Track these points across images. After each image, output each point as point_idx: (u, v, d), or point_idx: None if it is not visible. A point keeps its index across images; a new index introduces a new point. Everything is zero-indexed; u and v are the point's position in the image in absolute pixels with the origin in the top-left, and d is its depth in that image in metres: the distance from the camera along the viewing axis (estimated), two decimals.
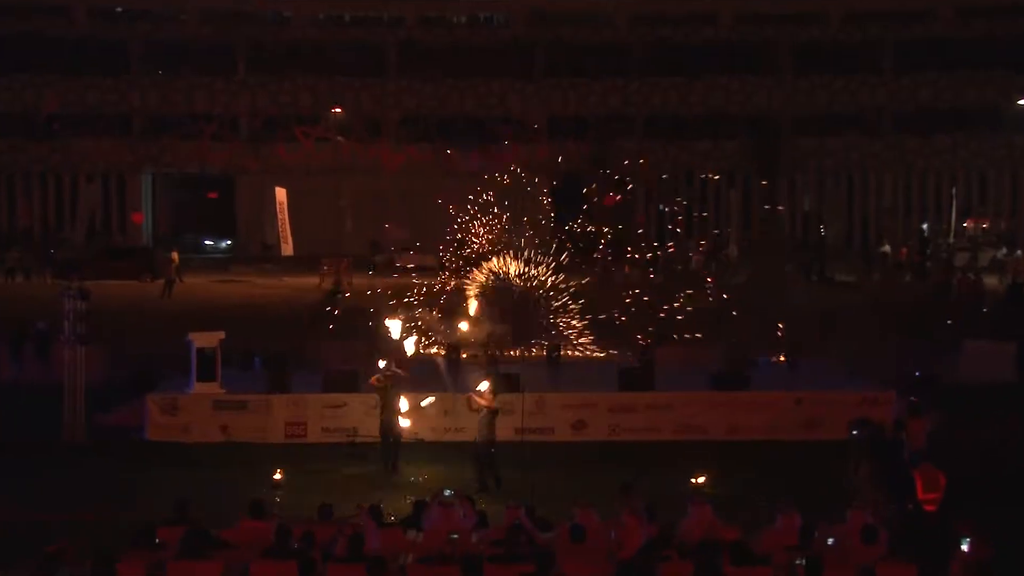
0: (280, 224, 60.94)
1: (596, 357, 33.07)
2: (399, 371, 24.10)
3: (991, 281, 53.95)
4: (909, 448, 21.24)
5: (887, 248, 61.43)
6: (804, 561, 14.60)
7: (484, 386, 23.06)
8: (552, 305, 34.44)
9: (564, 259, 35.45)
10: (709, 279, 55.68)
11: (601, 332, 33.94)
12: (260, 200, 67.51)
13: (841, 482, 19.92)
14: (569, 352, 33.02)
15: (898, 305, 47.17)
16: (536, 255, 34.97)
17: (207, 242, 73.35)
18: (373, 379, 24.06)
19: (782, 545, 15.89)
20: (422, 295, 34.15)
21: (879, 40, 77.37)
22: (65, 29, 75.54)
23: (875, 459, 19.81)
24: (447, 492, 17.58)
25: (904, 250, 59.97)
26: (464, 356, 31.65)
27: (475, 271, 35.26)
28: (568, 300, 34.61)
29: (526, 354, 32.57)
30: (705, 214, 76.17)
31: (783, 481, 22.46)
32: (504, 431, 23.63)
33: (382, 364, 24.19)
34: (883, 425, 22.44)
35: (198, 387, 26.51)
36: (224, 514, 18.06)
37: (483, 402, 22.72)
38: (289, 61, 76.84)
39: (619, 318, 34.15)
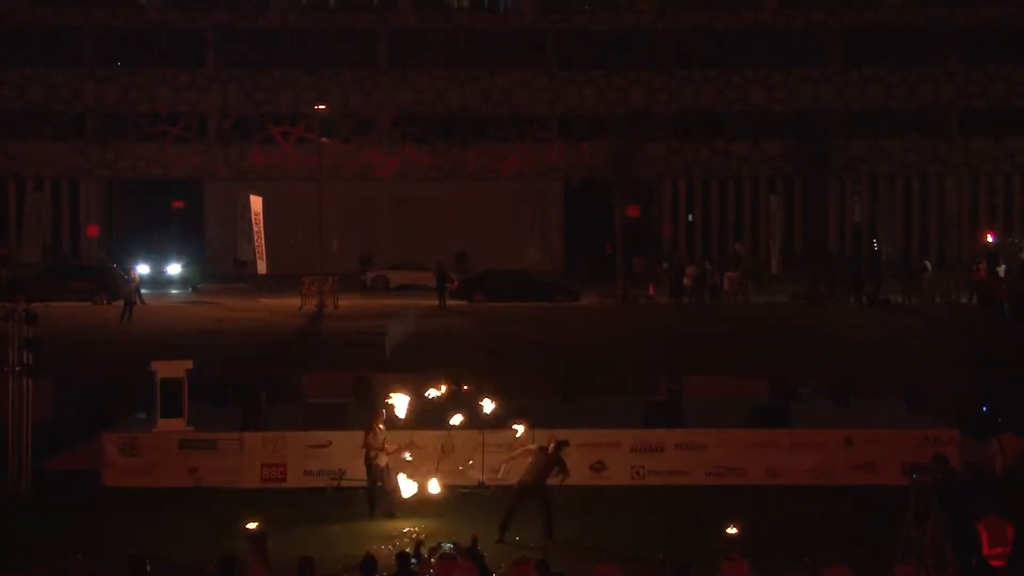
0: (256, 237, 61.06)
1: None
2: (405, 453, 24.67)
3: None
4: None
5: (926, 264, 61.68)
6: None
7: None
8: None
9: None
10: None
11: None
12: (232, 210, 67.64)
13: (897, 534, 19.99)
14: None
15: (960, 330, 47.33)
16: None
17: (139, 268, 60.69)
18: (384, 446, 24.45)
19: None
20: None
21: (944, 26, 77.40)
22: (4, 13, 75.77)
23: (946, 508, 19.81)
24: (447, 546, 17.70)
25: (981, 267, 59.77)
26: (465, 389, 31.83)
27: None
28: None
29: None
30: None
31: (831, 532, 22.54)
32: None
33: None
34: (956, 469, 22.53)
35: (162, 424, 26.61)
36: (190, 571, 18.16)
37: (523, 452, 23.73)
38: (265, 52, 77.17)
39: None
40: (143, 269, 62.50)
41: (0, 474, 25.70)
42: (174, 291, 63.85)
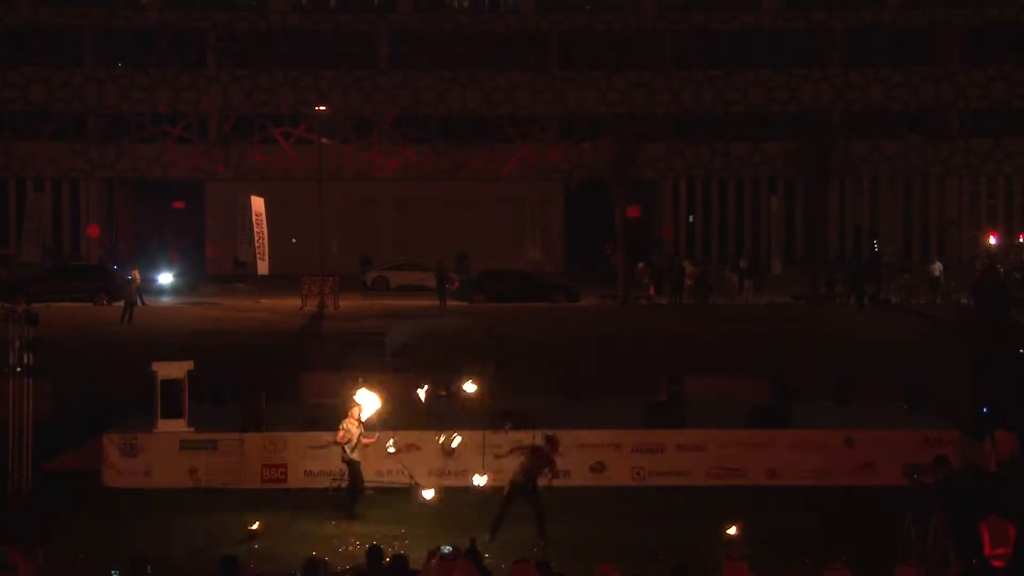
0: (257, 238, 60.96)
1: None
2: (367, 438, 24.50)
3: None
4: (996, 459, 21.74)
5: (937, 266, 61.53)
6: None
7: None
8: None
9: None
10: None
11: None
12: (233, 210, 67.62)
13: (897, 534, 19.99)
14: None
15: (960, 330, 47.32)
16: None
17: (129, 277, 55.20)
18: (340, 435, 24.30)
19: None
20: None
21: (945, 26, 77.38)
22: (4, 13, 75.72)
23: (948, 509, 19.79)
24: (446, 548, 17.68)
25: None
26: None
27: None
28: None
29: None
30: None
31: (831, 532, 22.54)
32: (509, 475, 23.85)
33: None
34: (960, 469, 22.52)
35: (162, 425, 26.59)
36: (191, 572, 18.12)
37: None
38: (266, 52, 77.18)
39: None
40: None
41: (0, 474, 25.69)
42: (165, 299, 63.01)
